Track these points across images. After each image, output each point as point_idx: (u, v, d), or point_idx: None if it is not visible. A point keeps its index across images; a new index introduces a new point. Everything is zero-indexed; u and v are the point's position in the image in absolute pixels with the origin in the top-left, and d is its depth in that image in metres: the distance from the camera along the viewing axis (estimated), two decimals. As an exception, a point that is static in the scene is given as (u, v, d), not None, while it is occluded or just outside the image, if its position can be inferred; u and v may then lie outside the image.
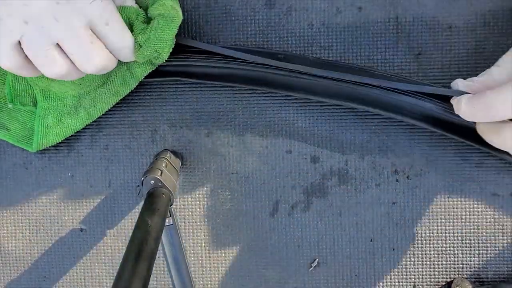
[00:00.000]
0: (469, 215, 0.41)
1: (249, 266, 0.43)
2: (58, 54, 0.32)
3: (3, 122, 0.41)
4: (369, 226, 0.42)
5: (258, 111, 0.41)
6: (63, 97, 0.38)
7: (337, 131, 0.41)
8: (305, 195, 0.42)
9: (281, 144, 0.41)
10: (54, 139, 0.40)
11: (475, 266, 0.41)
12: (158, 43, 0.34)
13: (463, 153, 0.40)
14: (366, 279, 0.42)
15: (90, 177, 0.43)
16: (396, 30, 0.39)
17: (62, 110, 0.39)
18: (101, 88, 0.38)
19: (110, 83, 0.38)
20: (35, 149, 0.40)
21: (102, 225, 0.43)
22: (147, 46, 0.34)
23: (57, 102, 0.38)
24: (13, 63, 0.32)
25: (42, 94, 0.38)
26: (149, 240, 0.29)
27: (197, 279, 0.43)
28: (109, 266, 0.44)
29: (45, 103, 0.39)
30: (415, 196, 0.41)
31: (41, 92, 0.38)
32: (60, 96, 0.38)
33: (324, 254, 0.42)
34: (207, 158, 0.42)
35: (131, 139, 0.42)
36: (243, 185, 0.42)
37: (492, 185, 0.40)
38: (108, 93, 0.38)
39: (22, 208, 0.44)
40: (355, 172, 0.41)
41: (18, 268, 0.44)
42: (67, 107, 0.39)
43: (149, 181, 0.35)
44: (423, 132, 0.40)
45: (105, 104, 0.39)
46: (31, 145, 0.41)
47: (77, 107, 0.39)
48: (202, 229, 0.43)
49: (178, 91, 0.41)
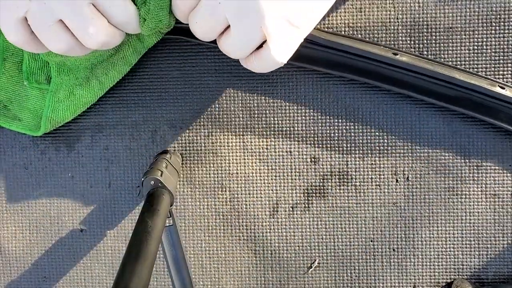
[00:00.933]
0: (469, 216, 0.41)
1: (249, 266, 0.43)
2: (61, 30, 0.32)
3: (15, 113, 0.41)
4: (369, 226, 0.42)
5: (258, 111, 0.41)
6: (76, 70, 0.39)
7: (337, 131, 0.41)
8: (305, 195, 0.42)
9: (281, 144, 0.41)
10: (63, 114, 0.40)
11: (475, 267, 0.41)
12: (160, 12, 0.34)
13: (463, 153, 0.40)
14: (366, 279, 0.42)
15: (90, 177, 0.43)
16: (397, 30, 0.39)
17: (74, 82, 0.39)
18: (113, 57, 0.38)
19: (122, 52, 0.38)
20: (43, 129, 0.41)
21: (102, 225, 0.43)
22: (150, 18, 0.34)
23: (70, 75, 0.39)
24: (20, 38, 0.33)
25: (57, 68, 0.39)
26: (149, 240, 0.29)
27: (197, 279, 0.43)
28: (109, 266, 0.44)
29: (59, 78, 0.39)
30: (415, 197, 0.41)
31: (56, 66, 0.38)
32: (73, 69, 0.38)
33: (324, 255, 0.42)
34: (207, 158, 0.42)
35: (131, 139, 0.42)
36: (243, 185, 0.42)
37: (492, 185, 0.40)
38: (121, 62, 0.39)
39: (22, 208, 0.44)
40: (355, 173, 0.41)
41: (18, 268, 0.44)
42: (78, 79, 0.39)
43: (149, 181, 0.35)
44: (423, 132, 0.40)
45: (117, 72, 0.39)
46: (39, 128, 0.41)
47: (89, 77, 0.39)
48: (202, 229, 0.43)
49: (178, 92, 0.42)
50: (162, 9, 0.34)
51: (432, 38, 0.39)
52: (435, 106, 0.40)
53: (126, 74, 0.40)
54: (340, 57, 0.38)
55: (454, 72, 0.37)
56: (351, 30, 0.39)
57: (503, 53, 0.39)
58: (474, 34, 0.39)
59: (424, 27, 0.39)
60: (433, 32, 0.39)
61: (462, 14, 0.39)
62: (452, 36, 0.39)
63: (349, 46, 0.37)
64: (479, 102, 0.38)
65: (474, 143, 0.40)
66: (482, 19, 0.39)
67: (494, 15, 0.38)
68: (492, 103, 0.37)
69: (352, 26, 0.39)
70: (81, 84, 0.39)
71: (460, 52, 0.39)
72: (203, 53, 0.41)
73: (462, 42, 0.39)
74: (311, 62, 0.39)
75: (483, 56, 0.39)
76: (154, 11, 0.34)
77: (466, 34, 0.39)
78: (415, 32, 0.39)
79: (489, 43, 0.39)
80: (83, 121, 0.42)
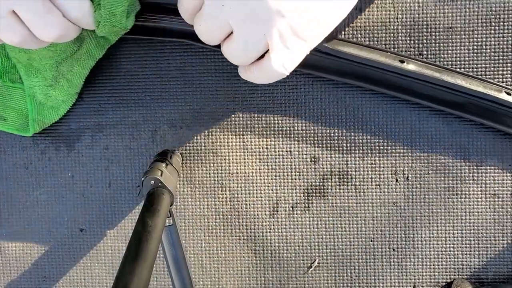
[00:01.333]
0: (469, 215, 0.41)
1: (249, 266, 0.43)
2: (15, 21, 0.32)
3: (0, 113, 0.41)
4: (369, 226, 0.42)
5: (258, 111, 0.41)
6: (43, 70, 0.38)
7: (337, 131, 0.41)
8: (305, 195, 0.42)
9: (281, 144, 0.41)
10: (49, 116, 0.40)
11: (475, 266, 0.41)
12: (112, 17, 0.34)
13: (463, 153, 0.40)
14: (366, 279, 0.42)
15: (90, 177, 0.43)
16: (396, 30, 0.39)
17: (45, 84, 0.39)
18: (77, 53, 0.38)
19: (85, 46, 0.38)
20: (32, 131, 0.41)
21: (102, 225, 0.43)
22: (103, 24, 0.34)
23: (38, 77, 0.39)
24: None
25: (25, 71, 0.38)
26: (149, 240, 0.29)
27: (197, 279, 0.43)
28: (109, 266, 0.44)
29: (29, 81, 0.39)
30: (415, 197, 0.41)
31: (24, 69, 0.38)
32: (41, 69, 0.38)
33: (324, 255, 0.42)
34: (207, 158, 0.42)
35: (131, 139, 0.42)
36: (243, 185, 0.42)
37: (492, 185, 0.40)
38: (84, 56, 0.38)
39: (22, 208, 0.44)
40: (355, 173, 0.41)
41: (18, 268, 0.44)
42: (48, 80, 0.39)
43: (149, 181, 0.35)
44: (423, 132, 0.40)
45: (82, 68, 0.39)
46: (27, 128, 0.41)
47: (57, 77, 0.39)
48: (202, 229, 0.43)
49: (178, 91, 0.42)
50: (114, 15, 0.34)
51: (431, 38, 0.39)
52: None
53: (127, 74, 0.40)
54: (346, 65, 0.38)
55: (460, 79, 0.37)
56: (351, 30, 0.39)
57: (502, 53, 0.39)
58: (474, 34, 0.39)
59: (424, 27, 0.39)
60: (432, 32, 0.39)
61: (461, 14, 0.39)
62: (452, 36, 0.39)
63: (355, 55, 0.37)
64: (486, 108, 0.38)
65: (474, 143, 0.40)
66: (481, 19, 0.39)
67: (494, 15, 0.38)
68: (499, 109, 0.37)
69: (352, 26, 0.39)
70: (51, 85, 0.39)
71: (460, 52, 0.39)
72: (203, 53, 0.41)
73: (462, 42, 0.39)
74: (315, 69, 0.38)
75: (482, 56, 0.39)
76: (106, 17, 0.34)
77: (465, 34, 0.39)
78: (415, 32, 0.39)
79: (489, 43, 0.39)
80: (83, 121, 0.42)
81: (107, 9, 0.33)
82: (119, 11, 0.34)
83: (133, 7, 0.36)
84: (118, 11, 0.34)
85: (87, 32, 0.37)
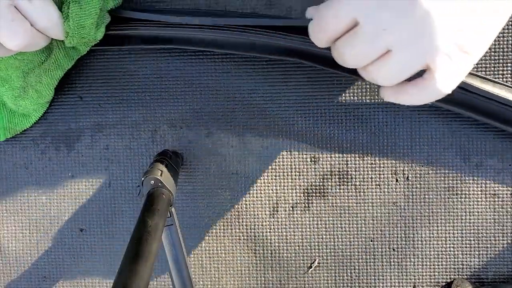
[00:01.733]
0: (469, 215, 0.41)
1: (249, 266, 0.43)
2: None
3: None
4: (369, 226, 0.42)
5: (258, 111, 0.41)
6: (10, 80, 0.38)
7: (337, 131, 0.41)
8: (305, 195, 0.42)
9: (281, 144, 0.41)
10: (20, 123, 0.41)
11: (475, 266, 0.41)
12: (81, 29, 0.34)
13: (463, 153, 0.40)
14: (366, 279, 0.42)
15: (90, 177, 0.43)
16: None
17: (13, 94, 0.39)
18: (45, 63, 0.38)
19: (54, 56, 0.38)
20: (2, 137, 0.41)
21: (102, 225, 0.43)
22: (71, 35, 0.34)
23: (5, 86, 0.38)
24: None
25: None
26: (149, 240, 0.29)
27: (197, 279, 0.43)
28: (109, 266, 0.44)
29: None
30: (415, 196, 0.41)
31: None
32: (7, 79, 0.38)
33: (324, 255, 0.42)
34: (207, 158, 0.42)
35: (131, 139, 0.42)
36: (243, 185, 0.42)
37: (492, 185, 0.40)
38: (53, 66, 0.38)
39: (22, 208, 0.44)
40: (355, 173, 0.41)
41: (18, 268, 0.44)
42: (15, 90, 0.38)
43: (149, 181, 0.35)
44: (423, 132, 0.40)
45: (50, 78, 0.39)
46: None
47: (25, 87, 0.39)
48: (202, 229, 0.43)
49: (178, 91, 0.42)
50: (83, 27, 0.34)
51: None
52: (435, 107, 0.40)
53: (126, 74, 0.40)
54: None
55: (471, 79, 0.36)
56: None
57: (503, 53, 0.39)
58: (474, 34, 0.39)
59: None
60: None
61: (462, 14, 0.39)
62: (452, 36, 0.39)
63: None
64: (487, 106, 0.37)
65: (474, 143, 0.40)
66: (482, 19, 0.39)
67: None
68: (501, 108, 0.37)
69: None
70: (20, 95, 0.39)
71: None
72: (203, 53, 0.41)
73: (462, 42, 0.39)
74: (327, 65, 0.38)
75: (483, 56, 0.39)
76: (74, 29, 0.34)
77: (466, 34, 0.39)
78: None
79: (489, 43, 0.39)
80: (83, 121, 0.42)
81: (76, 21, 0.33)
82: (87, 23, 0.34)
83: (103, 19, 0.36)
84: (87, 23, 0.34)
85: (56, 42, 0.37)
